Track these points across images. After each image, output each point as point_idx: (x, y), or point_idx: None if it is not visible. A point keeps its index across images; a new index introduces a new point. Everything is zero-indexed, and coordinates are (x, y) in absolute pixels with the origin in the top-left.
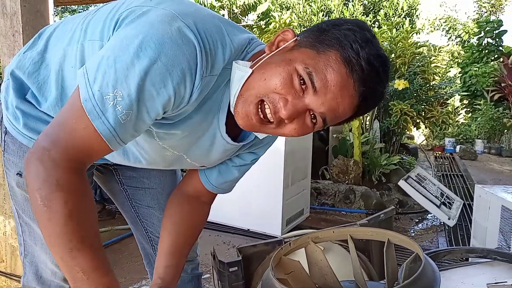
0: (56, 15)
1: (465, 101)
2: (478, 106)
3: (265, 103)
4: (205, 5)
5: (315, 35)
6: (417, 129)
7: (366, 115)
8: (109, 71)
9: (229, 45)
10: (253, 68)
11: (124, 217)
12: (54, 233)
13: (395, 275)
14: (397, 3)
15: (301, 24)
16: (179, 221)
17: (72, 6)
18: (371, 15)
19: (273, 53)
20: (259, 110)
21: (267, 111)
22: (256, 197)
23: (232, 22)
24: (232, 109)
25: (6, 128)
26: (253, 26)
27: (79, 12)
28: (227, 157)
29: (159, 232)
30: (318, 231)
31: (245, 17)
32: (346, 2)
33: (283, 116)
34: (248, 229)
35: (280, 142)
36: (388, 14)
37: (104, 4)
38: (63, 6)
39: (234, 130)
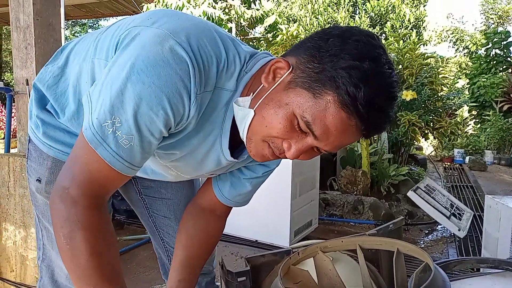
0: (66, 29)
1: (474, 112)
2: (487, 117)
3: (269, 145)
4: (212, 19)
5: (311, 70)
6: (425, 140)
7: None
8: (106, 98)
9: (223, 60)
10: (254, 108)
11: (144, 225)
12: (77, 270)
13: (404, 285)
14: (403, 15)
15: None
16: (193, 235)
17: (82, 20)
18: (377, 27)
19: (270, 89)
20: (273, 148)
21: (274, 150)
22: (264, 208)
23: (229, 34)
24: (244, 141)
25: (29, 136)
26: (261, 39)
27: (89, 25)
28: (234, 165)
29: (174, 243)
30: (326, 241)
31: (252, 30)
32: (353, 14)
33: (290, 158)
34: (256, 240)
35: None
36: (395, 26)
37: (115, 22)
38: (74, 20)
39: (235, 146)
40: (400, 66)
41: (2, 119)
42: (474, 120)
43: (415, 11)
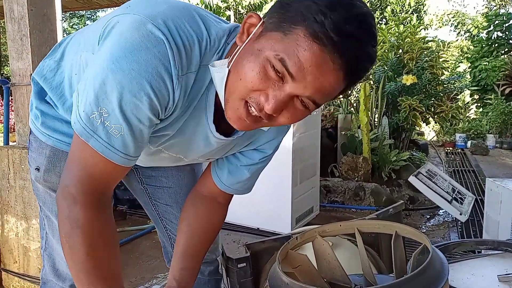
0: (64, 21)
1: (476, 96)
2: (489, 101)
3: (249, 104)
4: (210, 7)
5: (279, 13)
6: (427, 125)
7: (374, 111)
8: (89, 90)
9: (205, 37)
10: (229, 67)
11: (147, 214)
12: (75, 268)
13: (403, 267)
14: None
15: None
16: (194, 223)
17: (80, 11)
18: (378, 12)
19: (244, 44)
20: (249, 109)
21: (252, 109)
22: (265, 195)
23: (211, 14)
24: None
25: (31, 128)
26: None
27: (87, 17)
28: (229, 151)
29: (172, 222)
30: (325, 225)
31: None
32: None
33: (269, 112)
34: (258, 228)
35: (288, 140)
36: (395, 10)
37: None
38: (71, 12)
39: (226, 125)
40: (400, 51)
41: (1, 112)
42: (475, 104)
43: None
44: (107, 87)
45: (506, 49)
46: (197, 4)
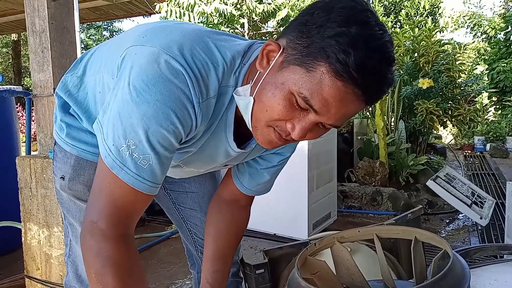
0: (82, 32)
1: (494, 98)
2: (508, 103)
3: (275, 130)
4: (225, 15)
5: (300, 45)
6: (444, 128)
7: (390, 115)
8: (117, 124)
9: (221, 63)
10: (253, 96)
11: (171, 220)
12: None
13: (423, 273)
14: (418, 2)
15: None
16: (221, 227)
17: (97, 22)
18: (392, 16)
19: (265, 73)
20: (278, 134)
21: (280, 133)
22: (282, 201)
23: (224, 35)
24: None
25: (55, 139)
26: (273, 33)
27: (104, 27)
28: (247, 157)
29: (202, 234)
30: (343, 231)
31: (265, 24)
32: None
33: (296, 139)
34: (275, 234)
35: (304, 146)
36: (409, 14)
37: (119, 35)
38: (88, 23)
39: (243, 137)
40: (416, 54)
41: (23, 123)
42: (494, 106)
43: None
44: (133, 120)
45: None
46: (211, 13)
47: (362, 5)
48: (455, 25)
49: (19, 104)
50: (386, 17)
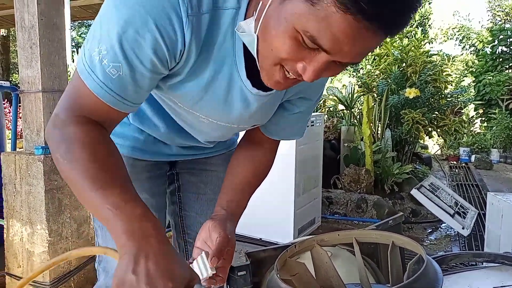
0: (73, 30)
1: (480, 110)
2: (493, 115)
3: (285, 68)
4: None
5: None
6: (429, 138)
7: (377, 124)
8: (96, 29)
9: None
10: (257, 32)
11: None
12: (79, 180)
13: (400, 277)
14: None
15: None
16: (242, 162)
17: (89, 21)
18: None
19: (268, 4)
20: (286, 73)
21: (290, 74)
22: (268, 205)
23: None
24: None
25: None
26: None
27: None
28: (274, 105)
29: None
30: (323, 234)
31: None
32: None
33: (309, 81)
34: (260, 238)
35: (291, 151)
36: None
37: None
38: (80, 21)
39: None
40: (404, 64)
41: (10, 119)
42: (480, 118)
43: (420, 9)
44: (110, 24)
45: (511, 64)
46: None
47: None
48: (444, 36)
49: (6, 100)
50: None
